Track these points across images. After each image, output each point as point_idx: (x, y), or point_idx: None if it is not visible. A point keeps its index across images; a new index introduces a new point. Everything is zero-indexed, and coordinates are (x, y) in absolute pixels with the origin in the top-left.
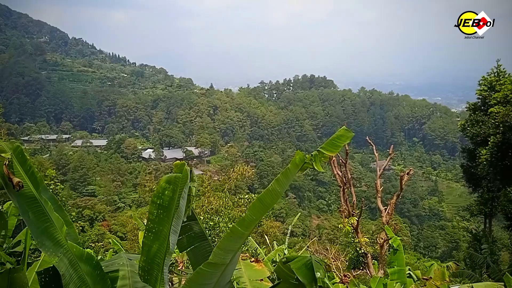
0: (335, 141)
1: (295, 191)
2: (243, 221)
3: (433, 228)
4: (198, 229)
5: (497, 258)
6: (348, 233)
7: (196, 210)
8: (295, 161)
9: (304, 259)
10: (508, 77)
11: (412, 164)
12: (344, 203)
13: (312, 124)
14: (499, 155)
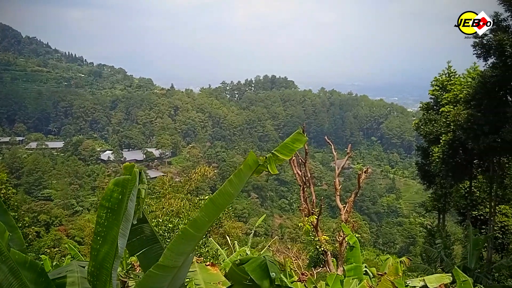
0: (289, 144)
1: (257, 191)
2: (195, 222)
3: (391, 225)
4: (149, 231)
5: (451, 251)
6: (308, 231)
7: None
8: (248, 163)
9: (258, 260)
10: (458, 78)
11: (371, 163)
12: (304, 202)
13: (274, 124)
14: (451, 152)
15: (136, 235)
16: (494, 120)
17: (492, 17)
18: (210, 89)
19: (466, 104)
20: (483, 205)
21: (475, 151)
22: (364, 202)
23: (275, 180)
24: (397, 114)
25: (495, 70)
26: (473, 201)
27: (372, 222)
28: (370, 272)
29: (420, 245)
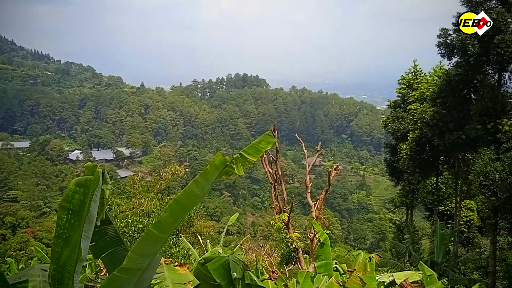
0: (257, 145)
1: (229, 189)
2: (159, 223)
3: (362, 221)
4: (113, 233)
5: (419, 246)
6: (279, 229)
7: (126, 212)
8: (215, 163)
9: (222, 259)
10: (424, 76)
11: (342, 160)
12: (276, 199)
13: (246, 122)
14: (418, 149)
15: (100, 236)
16: (459, 117)
17: (455, 18)
18: (181, 87)
19: (432, 102)
20: (449, 201)
21: (441, 148)
22: (335, 199)
23: (248, 178)
24: (367, 112)
25: (458, 69)
26: (439, 196)
27: (343, 219)
28: (341, 268)
29: (390, 240)
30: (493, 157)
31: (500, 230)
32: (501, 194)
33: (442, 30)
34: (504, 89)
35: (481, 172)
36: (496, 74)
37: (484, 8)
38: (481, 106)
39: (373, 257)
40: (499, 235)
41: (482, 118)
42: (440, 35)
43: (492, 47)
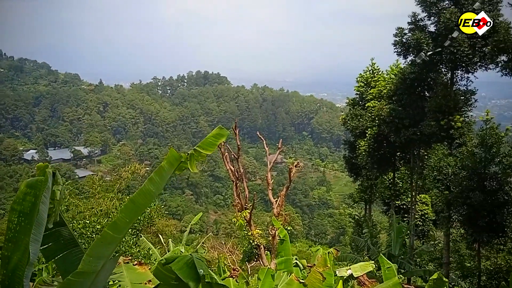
0: (211, 139)
1: (191, 187)
2: (115, 224)
3: (322, 216)
4: (68, 235)
5: (377, 240)
6: (241, 226)
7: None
8: (170, 160)
9: (185, 258)
10: (382, 74)
11: (302, 157)
12: (237, 197)
13: (208, 120)
14: (375, 146)
15: (52, 239)
16: (414, 114)
17: (410, 17)
18: (141, 84)
19: (389, 99)
20: (405, 195)
21: (397, 144)
22: (296, 195)
23: (210, 176)
24: (327, 110)
25: (414, 68)
26: (396, 191)
27: (304, 214)
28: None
29: (350, 235)
30: (446, 152)
31: (453, 222)
32: (454, 188)
33: (398, 29)
34: (456, 87)
35: (435, 167)
36: (449, 72)
37: (438, 8)
38: (435, 103)
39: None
40: (452, 227)
41: (436, 115)
42: (396, 34)
43: (445, 46)
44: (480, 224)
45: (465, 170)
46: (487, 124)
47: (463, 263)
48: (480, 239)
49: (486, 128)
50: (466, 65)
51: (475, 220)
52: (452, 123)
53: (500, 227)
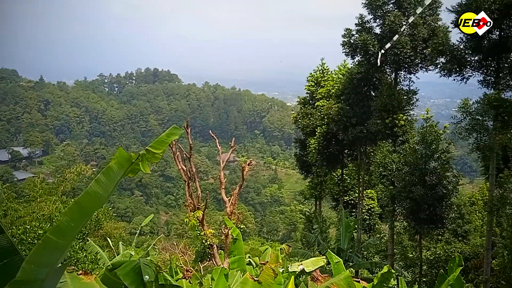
0: (164, 139)
1: (141, 188)
2: (58, 228)
3: (274, 213)
4: (6, 243)
5: (326, 235)
6: (194, 226)
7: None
8: (119, 160)
9: (132, 263)
10: (330, 74)
11: (255, 155)
12: (190, 197)
13: (158, 119)
14: (325, 144)
15: None
16: (360, 113)
17: (358, 19)
18: (86, 82)
19: (337, 98)
20: (353, 191)
21: (345, 142)
22: (249, 193)
23: (161, 176)
24: (278, 109)
25: (360, 68)
26: (344, 187)
27: (257, 212)
28: (254, 262)
29: (301, 231)
30: (390, 149)
31: (397, 216)
32: (398, 183)
33: (346, 30)
34: (400, 87)
35: (380, 164)
36: (393, 73)
37: (383, 11)
38: (380, 103)
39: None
40: (396, 220)
41: (381, 113)
42: (344, 35)
43: (389, 48)
44: (421, 216)
45: (408, 166)
46: (427, 122)
47: (406, 254)
48: (421, 231)
49: (426, 126)
50: (408, 66)
51: (417, 213)
52: (396, 121)
53: (439, 219)
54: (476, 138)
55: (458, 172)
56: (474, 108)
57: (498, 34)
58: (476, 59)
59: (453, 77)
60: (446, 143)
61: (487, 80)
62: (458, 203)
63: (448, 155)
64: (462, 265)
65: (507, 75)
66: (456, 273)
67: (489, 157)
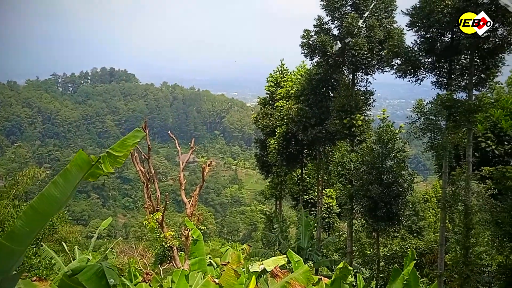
0: (126, 141)
1: (98, 191)
2: (12, 234)
3: (235, 214)
4: None
5: (287, 234)
6: (153, 228)
7: None
8: (77, 162)
9: (94, 268)
10: (290, 75)
11: (215, 156)
12: (148, 199)
13: (114, 119)
14: (285, 144)
15: None
16: (319, 113)
17: (316, 20)
18: (38, 81)
19: (296, 99)
20: (312, 190)
21: (305, 142)
22: (209, 194)
23: (118, 178)
24: (238, 109)
25: (319, 69)
26: (304, 186)
27: (217, 213)
28: (214, 263)
29: (261, 231)
30: (348, 149)
31: (355, 214)
32: (355, 182)
33: (305, 31)
34: (357, 88)
35: (339, 163)
36: (351, 74)
37: (340, 13)
38: (338, 103)
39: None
40: (354, 218)
41: (339, 114)
42: (303, 36)
43: (347, 49)
44: (378, 214)
45: (365, 165)
46: (384, 122)
47: (364, 251)
48: (378, 228)
49: (382, 126)
50: (365, 67)
51: (374, 211)
52: (354, 122)
53: (395, 216)
54: (430, 138)
55: (413, 171)
56: (428, 109)
57: (450, 37)
58: (430, 61)
59: (408, 78)
60: (402, 143)
61: (439, 82)
62: (413, 200)
63: (404, 154)
64: (415, 259)
65: (459, 77)
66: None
67: (442, 156)
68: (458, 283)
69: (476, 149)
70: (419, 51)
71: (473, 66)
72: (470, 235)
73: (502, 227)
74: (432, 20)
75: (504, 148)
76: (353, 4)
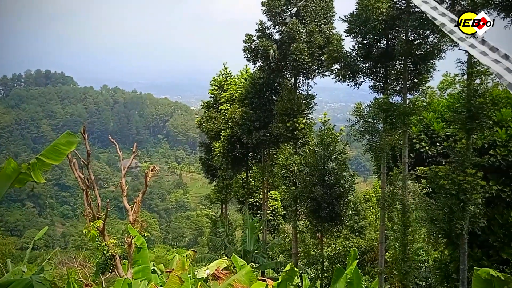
0: (58, 147)
1: (33, 199)
2: None
3: (180, 219)
4: None
5: (233, 238)
6: (94, 237)
7: None
8: (6, 172)
9: (23, 282)
10: (233, 79)
11: (158, 160)
12: (88, 206)
13: (51, 124)
14: (230, 147)
15: None
16: (263, 117)
17: (258, 25)
18: None
19: (241, 102)
20: (257, 193)
21: (249, 145)
22: (153, 200)
23: (55, 186)
24: (181, 112)
25: (262, 73)
26: (249, 189)
27: (162, 219)
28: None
29: (207, 235)
30: (292, 151)
31: (299, 215)
32: (299, 184)
33: (247, 36)
34: (299, 92)
35: (283, 165)
36: (292, 78)
37: (282, 18)
38: (281, 107)
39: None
40: (299, 220)
41: (282, 117)
42: (245, 40)
43: (289, 54)
44: (322, 215)
45: (308, 167)
46: (325, 125)
47: (309, 252)
48: (322, 229)
49: (324, 129)
50: (306, 72)
51: (317, 212)
52: (296, 125)
53: (338, 216)
54: (368, 140)
55: (354, 172)
56: (366, 112)
57: (386, 44)
58: (367, 66)
59: (347, 83)
60: (342, 145)
61: (377, 86)
62: (355, 200)
63: (345, 156)
64: (358, 258)
65: (394, 81)
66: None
67: (380, 157)
68: (398, 279)
69: (411, 150)
70: (357, 57)
71: (407, 71)
72: (408, 232)
73: (437, 224)
74: (368, 27)
75: (437, 149)
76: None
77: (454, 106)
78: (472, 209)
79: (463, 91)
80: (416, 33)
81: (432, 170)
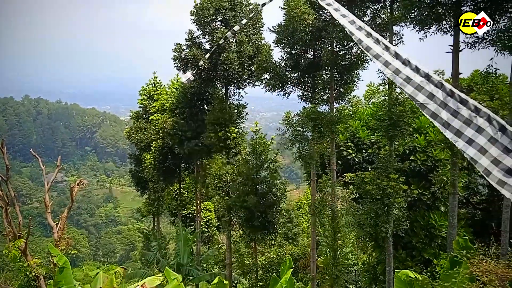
0: None
1: None
2: None
3: (110, 234)
4: None
5: (166, 252)
6: (15, 257)
7: None
8: None
9: None
10: (163, 88)
11: (86, 174)
12: (8, 225)
13: None
14: (161, 158)
15: None
16: (195, 127)
17: (187, 34)
18: None
19: (172, 112)
20: (191, 204)
21: (181, 155)
22: (81, 215)
23: None
24: (110, 123)
25: (193, 82)
26: (182, 201)
27: (91, 235)
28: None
29: (139, 250)
30: (224, 161)
31: (233, 225)
32: (233, 193)
33: (176, 45)
34: (230, 101)
35: (216, 175)
36: (224, 87)
37: (211, 28)
38: (213, 116)
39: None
40: (233, 230)
41: (214, 127)
42: (175, 49)
43: (219, 64)
44: (255, 224)
45: (241, 176)
46: (257, 134)
47: (243, 261)
48: (255, 237)
49: (256, 138)
50: (237, 81)
51: (251, 221)
52: (228, 134)
53: (271, 224)
54: (298, 148)
55: (286, 180)
56: (295, 121)
57: (313, 54)
58: (295, 76)
59: (277, 92)
60: (274, 153)
61: (305, 95)
62: (287, 208)
63: (276, 164)
64: (293, 267)
65: (321, 91)
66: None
67: (309, 164)
68: (329, 284)
69: (339, 157)
70: (286, 67)
71: (333, 81)
72: (337, 237)
73: (364, 228)
74: (296, 38)
75: (363, 155)
76: (222, 19)
77: (377, 114)
78: (396, 212)
79: (385, 100)
80: (341, 44)
81: (358, 176)
